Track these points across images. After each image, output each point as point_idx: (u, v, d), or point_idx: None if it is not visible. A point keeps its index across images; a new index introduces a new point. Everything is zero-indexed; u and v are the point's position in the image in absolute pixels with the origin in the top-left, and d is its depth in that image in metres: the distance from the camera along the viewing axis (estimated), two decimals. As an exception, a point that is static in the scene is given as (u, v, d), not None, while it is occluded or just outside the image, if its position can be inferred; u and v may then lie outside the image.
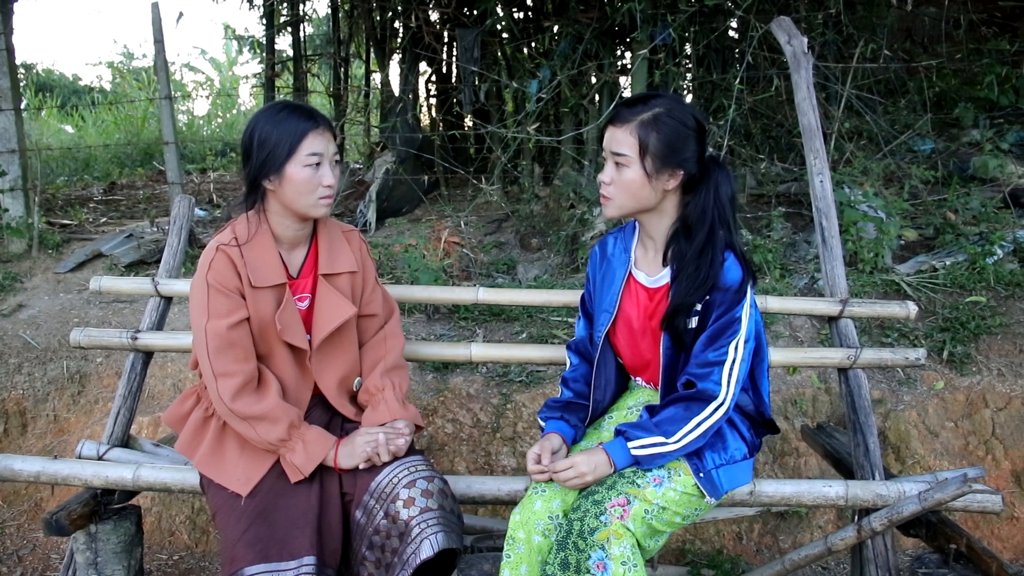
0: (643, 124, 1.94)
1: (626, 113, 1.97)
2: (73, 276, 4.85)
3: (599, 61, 5.28)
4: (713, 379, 1.95)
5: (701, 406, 1.95)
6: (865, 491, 2.29)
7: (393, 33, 6.84)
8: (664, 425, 1.94)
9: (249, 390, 2.04)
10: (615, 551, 1.81)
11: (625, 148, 1.96)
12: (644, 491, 1.90)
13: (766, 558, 3.44)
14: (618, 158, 1.97)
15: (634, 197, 2.00)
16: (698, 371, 1.97)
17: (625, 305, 2.14)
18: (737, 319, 1.97)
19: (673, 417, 1.95)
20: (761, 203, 5.29)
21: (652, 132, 1.94)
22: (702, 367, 1.96)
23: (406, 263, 4.33)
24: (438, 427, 3.64)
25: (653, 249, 2.10)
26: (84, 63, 30.44)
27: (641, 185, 1.97)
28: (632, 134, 1.95)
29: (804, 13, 4.94)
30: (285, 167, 2.02)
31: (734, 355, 1.96)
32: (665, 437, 1.93)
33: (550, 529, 1.95)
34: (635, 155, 1.95)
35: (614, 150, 1.98)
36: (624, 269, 2.15)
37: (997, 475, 3.54)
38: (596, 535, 1.83)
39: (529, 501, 2.00)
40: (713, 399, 1.95)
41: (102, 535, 2.40)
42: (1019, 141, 5.57)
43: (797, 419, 3.60)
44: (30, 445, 3.90)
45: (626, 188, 1.98)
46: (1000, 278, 4.17)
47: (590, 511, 1.87)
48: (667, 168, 1.96)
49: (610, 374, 2.24)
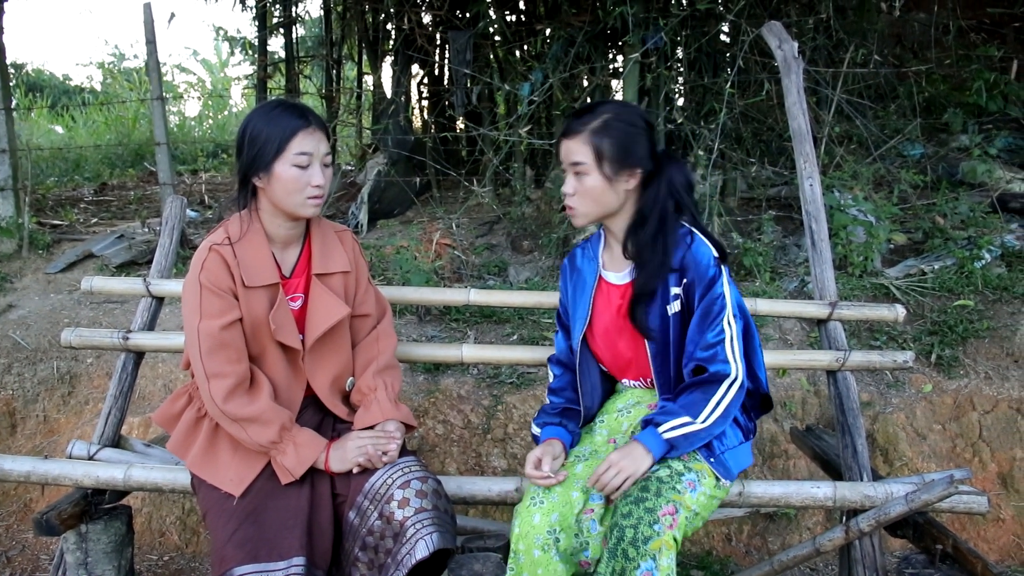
0: (595, 132, 2.01)
1: (576, 124, 2.04)
2: (63, 277, 4.83)
3: (591, 64, 5.30)
4: (720, 358, 1.99)
5: (716, 386, 1.99)
6: (853, 492, 2.31)
7: (385, 35, 6.84)
8: (690, 406, 1.98)
9: (241, 391, 2.04)
10: (664, 562, 1.81)
11: (581, 156, 2.02)
12: (684, 498, 1.91)
13: (755, 559, 3.45)
14: (577, 168, 2.03)
15: (597, 203, 2.06)
16: (703, 354, 2.00)
17: (599, 307, 2.18)
18: (720, 294, 2.02)
19: (694, 400, 1.99)
20: (751, 206, 5.32)
21: (604, 138, 2.01)
22: (706, 350, 2.00)
23: (398, 265, 4.33)
24: (429, 428, 3.64)
25: (618, 248, 2.15)
26: (75, 63, 30.42)
27: (603, 190, 2.04)
28: (586, 143, 2.01)
29: (795, 18, 4.97)
30: (274, 165, 2.02)
31: (730, 330, 2.01)
32: (691, 417, 1.96)
33: (549, 544, 1.94)
34: (592, 162, 2.02)
35: (572, 160, 2.04)
36: (594, 274, 2.21)
37: (984, 477, 3.57)
38: (650, 544, 1.81)
39: (528, 514, 1.99)
40: (726, 377, 1.99)
41: (92, 535, 2.40)
42: (1007, 146, 5.61)
43: (786, 421, 3.62)
44: (19, 446, 3.89)
45: (589, 195, 2.05)
46: (988, 282, 4.20)
47: (644, 519, 1.84)
48: (624, 169, 2.03)
49: (595, 380, 2.26)
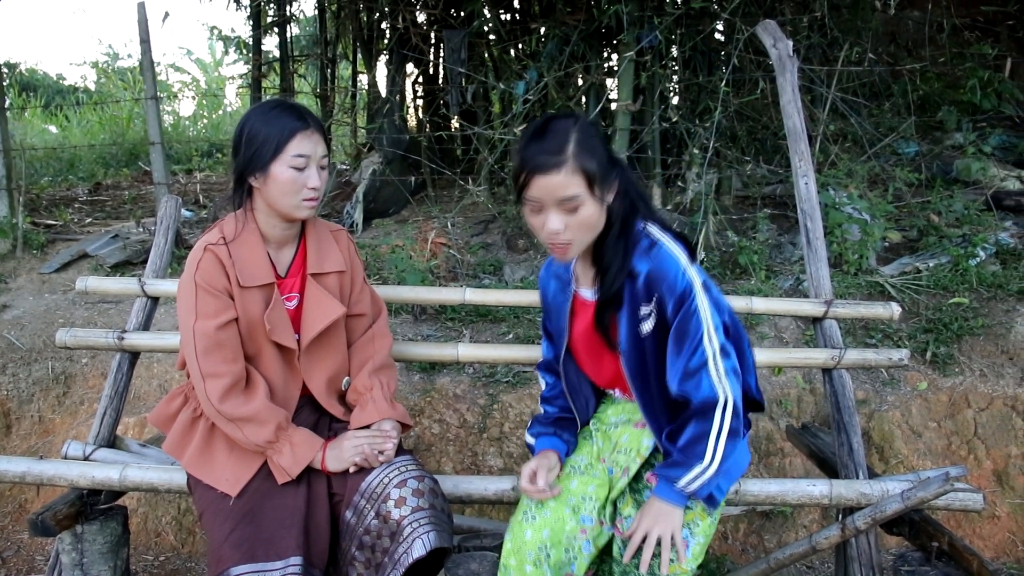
0: (577, 156, 1.76)
1: (551, 156, 1.76)
2: (58, 276, 4.82)
3: (586, 63, 5.30)
4: (704, 385, 1.84)
5: (709, 416, 1.86)
6: (849, 490, 2.31)
7: (380, 34, 6.83)
8: (691, 449, 1.88)
9: (237, 391, 2.04)
10: None
11: (573, 189, 1.77)
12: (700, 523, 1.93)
13: (751, 557, 3.46)
14: (569, 203, 1.78)
15: (593, 230, 1.85)
16: (687, 386, 1.86)
17: (576, 326, 2.07)
18: (694, 311, 1.84)
19: (694, 437, 1.88)
20: (746, 205, 5.33)
21: (588, 158, 1.77)
22: (688, 378, 1.86)
23: (393, 264, 4.33)
24: (425, 427, 3.64)
25: (590, 263, 1.99)
26: (68, 63, 30.31)
27: (598, 215, 1.83)
28: (574, 172, 1.76)
29: (789, 16, 4.98)
30: (270, 166, 2.02)
31: (711, 349, 1.85)
32: (699, 462, 1.87)
33: (540, 559, 1.94)
34: (585, 191, 1.78)
35: (562, 196, 1.77)
36: (569, 291, 2.07)
37: (979, 474, 3.58)
38: None
39: (520, 529, 1.98)
40: (715, 404, 1.85)
41: (88, 536, 2.39)
42: (1001, 144, 5.63)
43: (782, 419, 3.63)
44: (14, 446, 3.88)
45: (585, 226, 1.82)
46: (982, 280, 4.21)
47: None
48: (609, 183, 1.84)
49: (587, 391, 2.19)
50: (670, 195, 5.28)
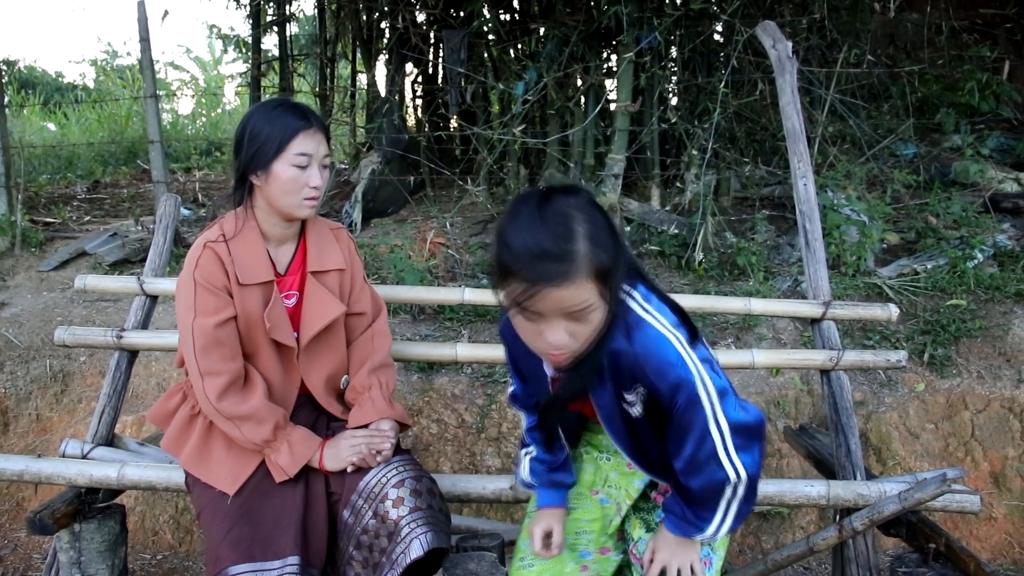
0: (588, 256, 1.41)
1: (558, 266, 1.39)
2: (56, 275, 4.82)
3: (585, 64, 5.30)
4: (715, 472, 1.60)
5: (718, 495, 1.64)
6: (847, 491, 2.32)
7: (380, 34, 6.83)
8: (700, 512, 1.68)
9: (235, 389, 2.03)
10: None
11: (585, 296, 1.43)
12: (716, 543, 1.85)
13: (748, 558, 3.46)
14: (580, 312, 1.44)
15: (597, 329, 1.51)
16: (697, 476, 1.62)
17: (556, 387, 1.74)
18: (698, 405, 1.56)
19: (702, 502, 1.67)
20: (745, 206, 5.33)
21: (598, 253, 1.42)
22: (696, 469, 1.61)
23: (392, 263, 4.33)
24: (423, 427, 3.64)
25: None
26: (67, 60, 30.31)
27: (604, 313, 1.49)
28: (587, 276, 1.41)
29: (789, 18, 4.98)
30: (272, 164, 2.02)
31: (719, 432, 1.58)
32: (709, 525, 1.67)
33: None
34: (597, 296, 1.44)
35: (573, 307, 1.43)
36: None
37: (976, 476, 3.58)
38: None
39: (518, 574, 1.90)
40: (726, 484, 1.61)
41: (86, 534, 2.39)
42: (999, 146, 5.64)
43: (780, 420, 3.63)
44: (12, 444, 3.88)
45: (591, 330, 1.49)
46: (980, 282, 4.22)
47: None
48: (619, 275, 1.50)
49: (573, 425, 1.91)
50: (669, 196, 5.28)
